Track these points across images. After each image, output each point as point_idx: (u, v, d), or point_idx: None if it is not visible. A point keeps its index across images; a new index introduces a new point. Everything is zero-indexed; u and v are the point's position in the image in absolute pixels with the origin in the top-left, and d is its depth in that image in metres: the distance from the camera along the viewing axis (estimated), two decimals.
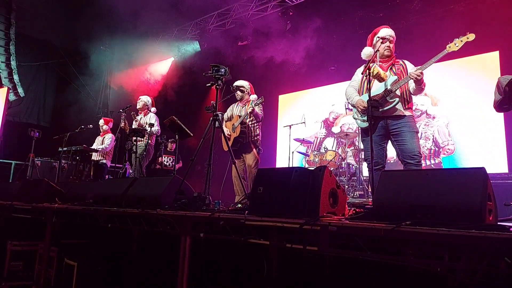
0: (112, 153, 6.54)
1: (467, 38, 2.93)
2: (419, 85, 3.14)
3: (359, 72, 3.53)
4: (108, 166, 6.49)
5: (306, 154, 7.53)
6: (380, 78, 3.23)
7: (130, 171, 5.84)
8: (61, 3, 8.24)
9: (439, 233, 1.48)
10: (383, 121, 3.23)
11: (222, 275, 2.53)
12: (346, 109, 7.30)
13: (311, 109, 8.79)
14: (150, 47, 10.54)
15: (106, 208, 3.09)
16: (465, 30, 2.96)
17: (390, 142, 3.32)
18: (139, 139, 5.56)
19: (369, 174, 3.32)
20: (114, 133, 6.50)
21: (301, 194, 2.07)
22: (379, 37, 3.34)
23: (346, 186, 6.19)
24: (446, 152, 6.84)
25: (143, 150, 5.65)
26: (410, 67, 3.31)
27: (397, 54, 3.47)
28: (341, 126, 8.31)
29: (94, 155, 6.36)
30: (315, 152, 7.03)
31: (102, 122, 6.69)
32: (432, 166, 6.85)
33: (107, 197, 3.35)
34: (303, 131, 7.86)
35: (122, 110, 5.89)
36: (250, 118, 4.67)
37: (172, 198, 2.87)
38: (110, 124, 6.76)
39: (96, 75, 9.61)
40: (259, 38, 9.10)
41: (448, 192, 1.67)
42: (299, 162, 8.24)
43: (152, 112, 6.08)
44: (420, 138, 3.73)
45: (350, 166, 6.53)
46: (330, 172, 2.17)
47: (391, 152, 3.46)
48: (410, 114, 3.24)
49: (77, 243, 3.76)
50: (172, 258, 2.59)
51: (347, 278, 1.96)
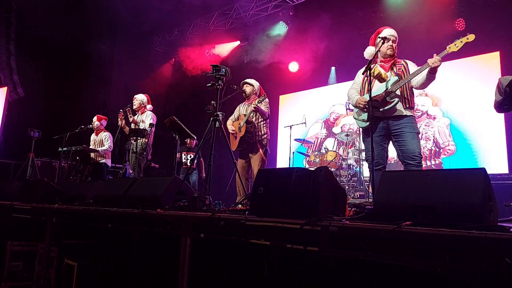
0: (111, 152, 6.52)
1: (467, 39, 2.92)
2: (432, 73, 3.02)
3: (360, 73, 3.52)
4: (109, 166, 6.48)
5: (306, 155, 7.53)
6: (381, 79, 3.23)
7: (130, 171, 5.83)
8: (61, 2, 8.23)
9: (440, 233, 1.48)
10: (384, 121, 3.22)
11: (222, 276, 2.53)
12: (346, 109, 7.29)
13: (312, 109, 8.79)
14: (150, 47, 10.55)
15: (106, 208, 3.09)
16: (465, 30, 2.96)
17: (391, 142, 3.31)
18: (138, 139, 5.55)
19: (370, 175, 3.32)
20: (113, 132, 6.48)
21: (301, 195, 2.07)
22: (381, 37, 3.33)
23: (347, 187, 6.19)
24: (447, 152, 6.83)
25: (143, 150, 5.64)
26: (412, 67, 3.28)
27: (398, 54, 3.46)
28: (341, 127, 8.30)
29: (92, 154, 6.34)
30: (316, 152, 7.02)
31: (95, 119, 6.60)
32: (432, 166, 6.85)
33: (107, 197, 3.35)
34: (304, 131, 7.86)
35: (121, 110, 5.89)
36: (256, 116, 4.64)
37: (172, 199, 2.87)
38: (104, 122, 6.65)
39: (96, 75, 9.61)
40: (260, 38, 9.11)
41: (448, 192, 1.67)
42: (300, 162, 8.23)
43: (148, 109, 6.05)
44: (420, 139, 3.72)
45: (351, 166, 6.53)
46: (330, 172, 2.17)
47: (392, 152, 3.46)
48: (411, 114, 3.23)
49: (77, 244, 3.75)
50: (172, 259, 2.59)
51: (348, 278, 1.96)
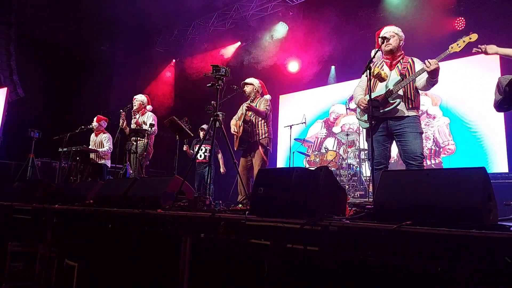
0: (110, 153, 6.52)
1: (470, 39, 2.88)
2: (432, 78, 2.97)
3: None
4: (108, 166, 6.48)
5: (306, 154, 7.53)
6: (380, 78, 3.21)
7: (131, 172, 5.83)
8: (61, 4, 8.23)
9: (440, 233, 1.48)
10: (385, 122, 3.18)
11: (222, 276, 2.53)
12: (346, 109, 7.30)
13: (312, 109, 8.79)
14: (151, 47, 10.56)
15: (107, 208, 3.09)
16: (466, 30, 2.94)
17: (394, 142, 3.26)
18: (139, 139, 5.55)
19: (370, 174, 3.31)
20: (113, 133, 6.47)
21: (301, 194, 2.07)
22: (380, 37, 3.31)
23: (347, 186, 6.19)
24: (447, 152, 6.84)
25: (143, 150, 5.64)
26: (419, 65, 3.17)
27: (404, 51, 3.35)
28: (341, 126, 8.31)
29: (92, 155, 6.34)
30: (316, 152, 7.02)
31: (95, 119, 6.54)
32: (432, 166, 6.85)
33: (108, 197, 3.35)
34: (304, 131, 7.86)
35: (122, 110, 5.89)
36: (254, 116, 4.61)
37: (173, 199, 2.87)
38: (103, 122, 6.58)
39: (96, 75, 9.61)
40: (260, 38, 9.11)
41: (448, 192, 1.67)
42: (300, 162, 8.23)
43: (148, 110, 6.04)
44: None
45: (351, 166, 6.53)
46: (331, 172, 2.17)
47: (392, 152, 3.44)
48: (415, 114, 3.15)
49: (77, 244, 3.75)
50: (172, 259, 2.59)
51: (348, 278, 1.96)
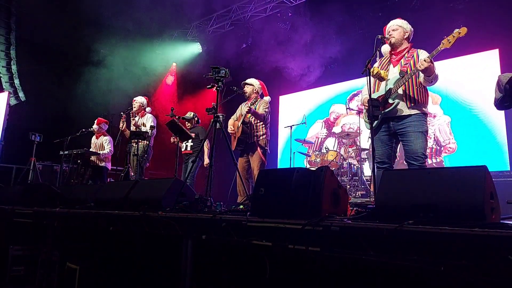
0: (111, 156, 6.52)
1: (459, 33, 2.83)
2: (427, 76, 2.95)
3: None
4: (109, 169, 6.48)
5: (307, 155, 7.52)
6: (380, 78, 3.19)
7: (132, 174, 5.84)
8: (60, 7, 8.25)
9: (442, 232, 1.48)
10: (387, 122, 3.14)
11: (224, 277, 2.53)
12: (347, 109, 7.29)
13: (312, 109, 8.79)
14: (150, 49, 10.56)
15: (108, 211, 3.09)
16: (464, 27, 2.91)
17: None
18: (139, 141, 5.56)
19: (371, 174, 3.30)
20: (113, 135, 6.48)
21: (303, 195, 2.07)
22: (380, 37, 3.26)
23: (348, 186, 6.18)
24: (448, 150, 6.82)
25: (143, 152, 5.65)
26: (422, 56, 3.02)
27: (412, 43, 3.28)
28: (342, 126, 8.30)
29: (92, 157, 6.34)
30: (317, 152, 7.02)
31: (95, 122, 6.55)
32: (434, 164, 6.84)
33: (109, 200, 3.34)
34: (304, 131, 7.86)
35: (122, 113, 5.90)
36: (252, 118, 4.62)
37: (173, 200, 2.87)
38: (104, 125, 6.58)
39: (96, 78, 9.63)
40: (259, 39, 9.11)
41: (450, 190, 1.66)
42: (301, 162, 8.23)
43: (148, 112, 6.04)
44: None
45: (352, 166, 6.52)
46: (331, 172, 2.17)
47: None
48: (418, 112, 3.05)
49: (79, 247, 3.75)
50: (174, 261, 2.59)
51: (350, 278, 1.95)
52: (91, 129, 6.50)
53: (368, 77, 2.96)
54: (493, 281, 1.38)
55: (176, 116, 5.26)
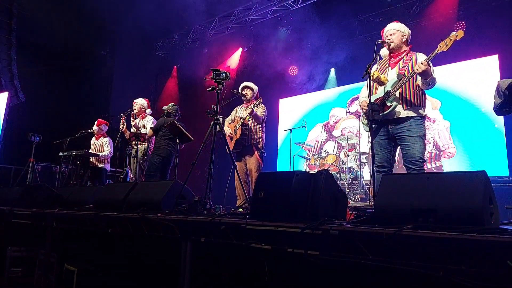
0: (110, 157, 6.51)
1: (456, 36, 2.82)
2: (424, 78, 2.95)
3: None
4: (108, 171, 6.47)
5: (307, 158, 7.52)
6: (380, 82, 3.19)
7: (131, 176, 5.83)
8: (61, 9, 8.28)
9: (441, 236, 1.48)
10: (386, 126, 3.14)
11: (223, 280, 2.52)
12: (346, 112, 7.30)
13: (312, 112, 8.80)
14: (151, 52, 10.59)
15: (107, 213, 3.08)
16: (464, 34, 2.91)
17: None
18: (139, 143, 5.55)
19: (371, 178, 3.30)
20: (113, 136, 6.47)
21: (302, 198, 2.07)
22: (380, 42, 3.26)
23: (347, 190, 6.17)
24: (447, 155, 6.83)
25: (143, 154, 5.64)
26: (420, 59, 3.01)
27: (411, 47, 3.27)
28: (341, 130, 8.31)
29: (91, 159, 6.33)
30: (316, 155, 7.02)
31: (95, 123, 6.52)
32: (433, 169, 6.84)
33: (108, 202, 3.34)
34: (304, 135, 7.87)
35: (122, 114, 5.90)
36: (252, 120, 4.65)
37: (173, 203, 2.87)
38: (104, 126, 6.56)
39: (96, 80, 9.65)
40: (260, 42, 9.14)
41: (449, 195, 1.66)
42: (301, 166, 8.23)
43: (148, 114, 6.04)
44: None
45: (351, 169, 6.52)
46: (331, 175, 2.17)
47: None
48: (415, 115, 3.04)
49: (77, 249, 3.74)
50: (173, 263, 2.58)
51: (349, 283, 1.95)
52: (91, 130, 6.49)
53: (368, 81, 2.97)
54: (492, 286, 1.38)
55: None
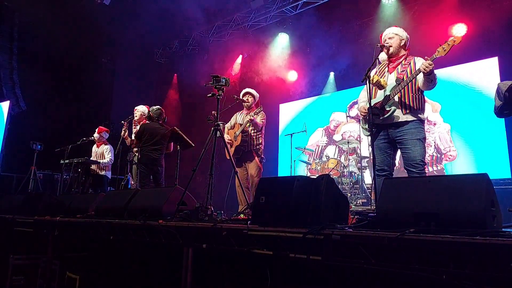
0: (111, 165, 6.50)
1: (454, 41, 2.81)
2: (428, 75, 2.90)
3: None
4: (109, 178, 6.47)
5: (308, 163, 7.52)
6: (380, 86, 3.19)
7: (132, 182, 5.82)
8: (62, 17, 8.33)
9: (443, 240, 1.47)
10: (386, 130, 3.14)
11: (225, 286, 2.51)
12: (347, 117, 7.30)
13: (312, 117, 8.81)
14: (151, 59, 10.64)
15: (108, 220, 3.08)
16: (463, 37, 2.91)
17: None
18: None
19: (372, 182, 3.29)
20: (114, 144, 6.47)
21: (303, 203, 2.06)
22: (379, 45, 3.27)
23: (349, 194, 6.16)
24: (448, 158, 6.82)
25: None
26: (419, 64, 3.00)
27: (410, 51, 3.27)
28: (342, 134, 8.31)
29: (93, 166, 6.33)
30: (317, 160, 7.01)
31: (96, 131, 6.53)
32: (434, 172, 6.82)
33: (109, 209, 3.34)
34: (305, 140, 7.86)
35: (123, 121, 5.91)
36: (251, 127, 4.67)
37: (174, 209, 2.87)
38: (105, 134, 6.57)
39: (97, 88, 9.68)
40: (259, 48, 9.18)
41: (451, 199, 1.66)
42: (301, 170, 8.22)
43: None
44: None
45: (352, 174, 6.51)
46: (332, 180, 2.17)
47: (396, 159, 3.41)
48: (414, 118, 3.04)
49: (79, 256, 3.74)
50: (175, 269, 2.58)
51: (352, 287, 1.94)
52: (92, 137, 6.51)
53: (367, 85, 2.97)
54: None
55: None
